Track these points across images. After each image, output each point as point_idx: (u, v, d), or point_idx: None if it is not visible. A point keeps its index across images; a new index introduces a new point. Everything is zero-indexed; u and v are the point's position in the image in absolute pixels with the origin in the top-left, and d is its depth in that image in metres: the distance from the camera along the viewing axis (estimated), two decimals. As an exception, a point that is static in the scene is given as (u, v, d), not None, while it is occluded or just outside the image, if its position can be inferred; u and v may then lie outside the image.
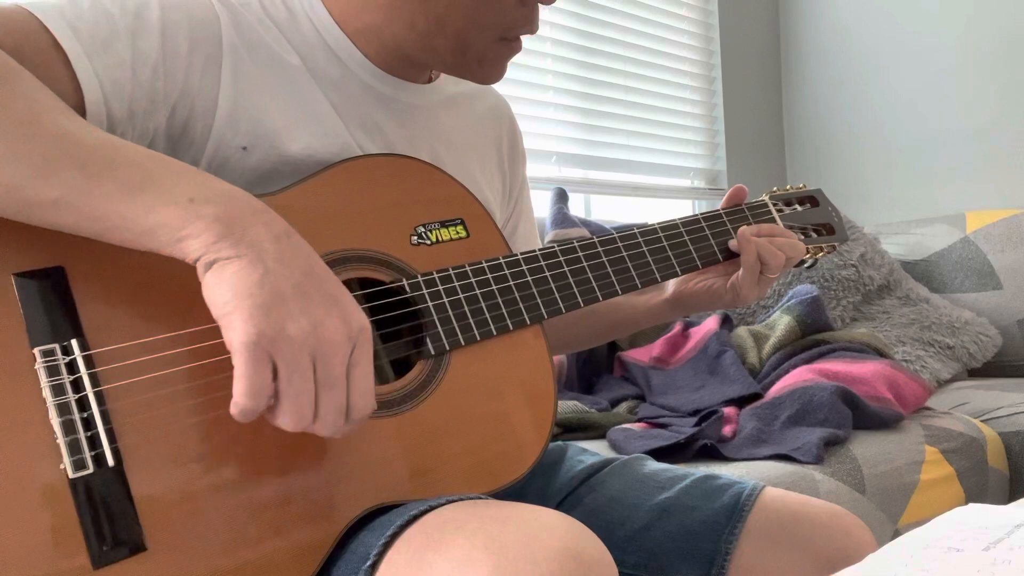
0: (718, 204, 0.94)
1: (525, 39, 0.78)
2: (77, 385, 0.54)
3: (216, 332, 0.53)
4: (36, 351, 0.53)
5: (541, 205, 1.96)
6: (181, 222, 0.53)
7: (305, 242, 0.57)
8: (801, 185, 1.02)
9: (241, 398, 0.51)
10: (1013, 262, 2.17)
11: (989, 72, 2.49)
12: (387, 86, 0.78)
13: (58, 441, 0.52)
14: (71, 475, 0.52)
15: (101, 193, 0.53)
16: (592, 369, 1.80)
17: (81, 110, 0.61)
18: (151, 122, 0.66)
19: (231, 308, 0.51)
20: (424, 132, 0.82)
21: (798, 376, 1.52)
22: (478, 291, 0.72)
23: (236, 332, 0.51)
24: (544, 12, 2.26)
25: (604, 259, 0.80)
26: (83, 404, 0.53)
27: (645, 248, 0.83)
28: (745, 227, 0.89)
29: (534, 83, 2.25)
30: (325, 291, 0.55)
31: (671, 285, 0.93)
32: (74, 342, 0.55)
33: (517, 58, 2.10)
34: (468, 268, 0.72)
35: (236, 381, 0.51)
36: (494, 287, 0.73)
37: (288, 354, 0.51)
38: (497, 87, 0.89)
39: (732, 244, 0.88)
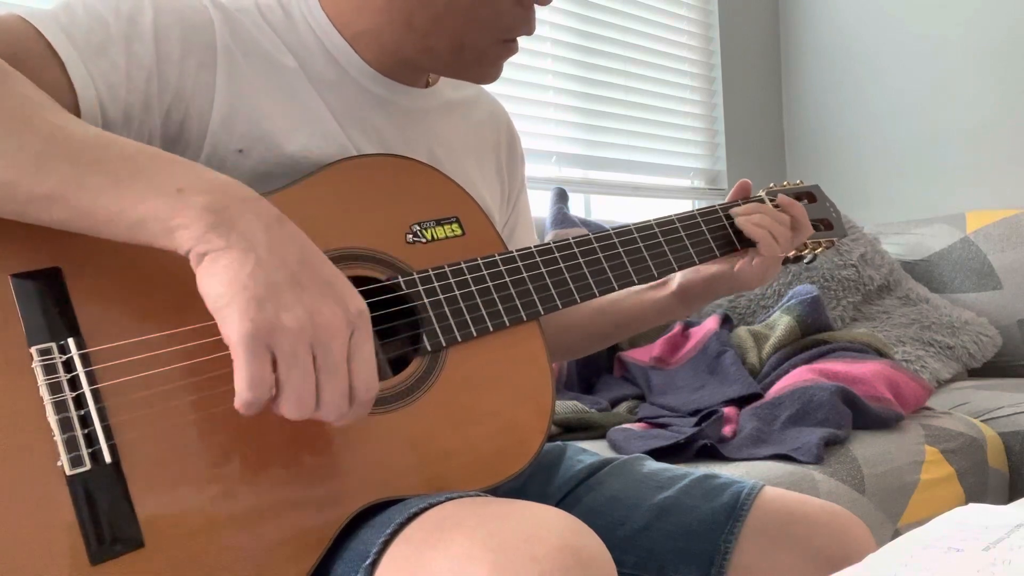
0: (718, 204, 0.93)
1: (525, 39, 0.78)
2: (74, 383, 0.54)
3: (212, 329, 0.53)
4: (33, 350, 0.54)
5: (541, 205, 1.96)
6: (170, 212, 0.53)
7: (298, 229, 0.57)
8: (799, 181, 1.02)
9: (243, 391, 0.51)
10: (1013, 262, 2.17)
11: (989, 72, 2.49)
12: (385, 89, 0.78)
13: (55, 438, 0.52)
14: (68, 472, 0.52)
15: (92, 185, 0.53)
16: (592, 369, 1.80)
17: (76, 113, 0.62)
18: (147, 125, 0.66)
19: (225, 302, 0.51)
20: (421, 135, 0.82)
21: (798, 376, 1.52)
22: (474, 288, 0.72)
23: (232, 326, 0.50)
24: (544, 12, 2.27)
25: (600, 255, 0.80)
26: (80, 401, 0.53)
27: (642, 245, 0.83)
28: (741, 212, 0.89)
29: (534, 83, 2.25)
30: (320, 278, 0.54)
31: (676, 278, 0.92)
32: (70, 340, 0.55)
33: (517, 58, 2.10)
34: (464, 265, 0.72)
35: (236, 374, 0.51)
36: (490, 284, 0.73)
37: (285, 345, 0.51)
38: (497, 86, 0.89)
39: (739, 222, 0.88)
